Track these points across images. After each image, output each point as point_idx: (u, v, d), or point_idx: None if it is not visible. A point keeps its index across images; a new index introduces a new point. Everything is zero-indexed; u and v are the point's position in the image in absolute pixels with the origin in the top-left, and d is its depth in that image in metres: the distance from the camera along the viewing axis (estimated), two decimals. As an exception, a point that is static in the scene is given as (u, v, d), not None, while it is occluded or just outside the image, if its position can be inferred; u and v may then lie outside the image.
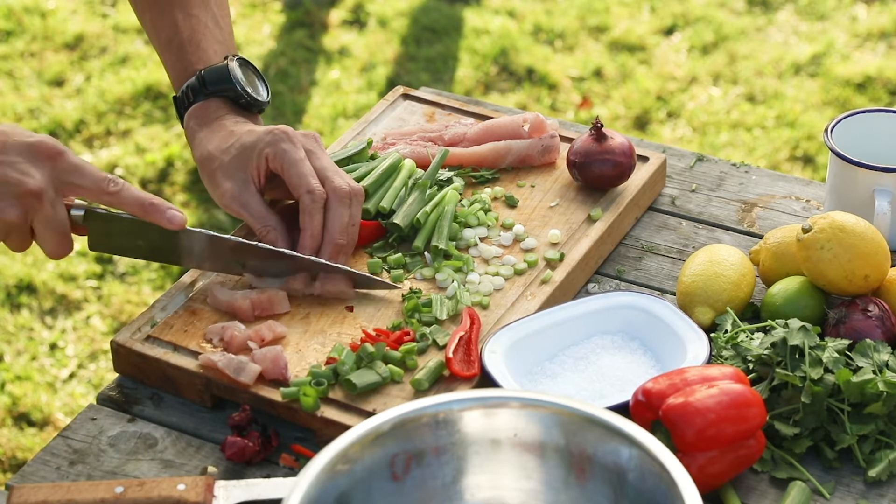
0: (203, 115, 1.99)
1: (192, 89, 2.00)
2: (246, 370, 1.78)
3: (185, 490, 1.59)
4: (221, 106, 2.00)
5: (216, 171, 1.95)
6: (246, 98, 2.00)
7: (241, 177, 1.93)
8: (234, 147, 1.94)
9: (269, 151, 1.92)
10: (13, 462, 3.16)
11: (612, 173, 2.04)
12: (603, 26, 4.56)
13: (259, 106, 2.03)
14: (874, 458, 1.71)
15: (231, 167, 1.94)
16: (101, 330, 3.49)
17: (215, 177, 1.95)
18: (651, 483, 1.48)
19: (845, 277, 1.82)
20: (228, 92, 1.99)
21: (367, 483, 1.53)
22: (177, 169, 4.01)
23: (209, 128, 1.98)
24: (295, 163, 1.91)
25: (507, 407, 1.56)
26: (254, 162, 1.93)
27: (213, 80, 1.99)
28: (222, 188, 1.94)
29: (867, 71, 4.28)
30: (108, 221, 1.86)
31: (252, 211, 1.93)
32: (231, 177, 1.94)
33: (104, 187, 1.80)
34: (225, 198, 1.94)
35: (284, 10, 4.68)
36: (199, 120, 1.99)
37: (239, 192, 1.93)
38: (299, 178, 1.91)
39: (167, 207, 1.83)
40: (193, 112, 2.00)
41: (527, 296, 1.90)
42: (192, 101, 2.00)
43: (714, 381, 1.67)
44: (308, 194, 1.90)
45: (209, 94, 1.99)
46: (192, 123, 2.00)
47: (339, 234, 1.91)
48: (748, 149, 4.03)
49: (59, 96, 4.31)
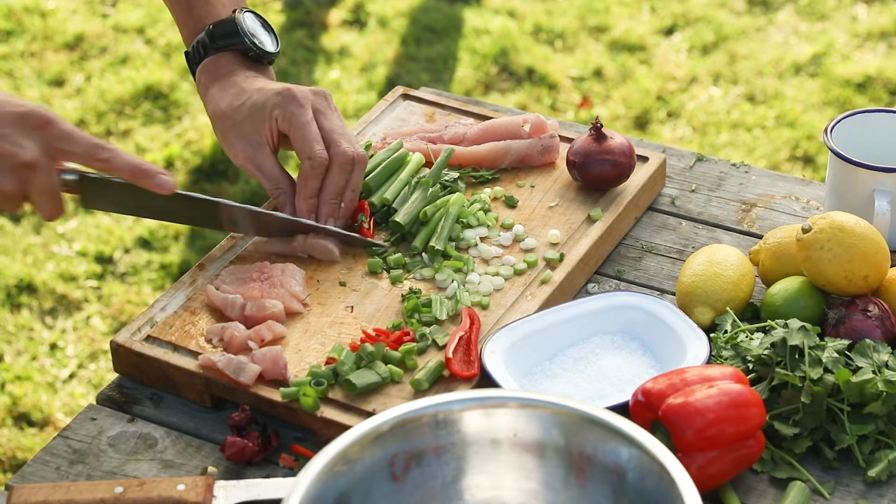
0: (214, 70, 2.01)
1: (202, 44, 2.02)
2: (246, 370, 1.78)
3: (185, 490, 1.59)
4: (232, 60, 2.02)
5: (230, 131, 1.98)
6: (255, 51, 2.02)
7: (255, 138, 1.97)
8: (246, 106, 1.97)
9: (279, 113, 1.95)
10: (13, 462, 3.16)
11: (612, 173, 2.04)
12: (603, 26, 4.56)
13: (269, 57, 2.05)
14: (874, 458, 1.71)
15: (245, 127, 1.97)
16: (101, 330, 3.49)
17: (229, 136, 1.98)
18: (651, 483, 1.48)
19: (845, 277, 1.82)
20: (237, 45, 2.01)
21: (366, 483, 1.53)
22: (177, 169, 4.01)
23: (220, 84, 2.00)
24: (301, 126, 1.94)
25: (507, 407, 1.56)
26: (266, 123, 1.96)
27: (221, 34, 2.01)
28: (236, 148, 1.98)
29: (867, 71, 4.28)
30: (101, 185, 1.88)
31: (265, 171, 1.98)
32: (245, 137, 1.97)
33: (95, 154, 1.81)
34: (239, 158, 1.98)
35: (284, 10, 4.68)
36: (210, 76, 2.01)
37: (253, 152, 1.97)
38: (303, 141, 1.94)
39: (157, 172, 1.84)
40: (204, 67, 2.02)
41: (526, 296, 1.90)
42: (203, 56, 2.02)
43: (714, 382, 1.67)
44: (308, 160, 1.94)
45: (219, 49, 2.01)
46: (204, 79, 2.02)
47: (331, 196, 1.95)
48: (748, 149, 4.03)
49: (59, 96, 4.31)
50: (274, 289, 1.89)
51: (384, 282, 1.93)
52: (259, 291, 1.89)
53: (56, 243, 3.75)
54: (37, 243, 3.74)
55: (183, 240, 3.76)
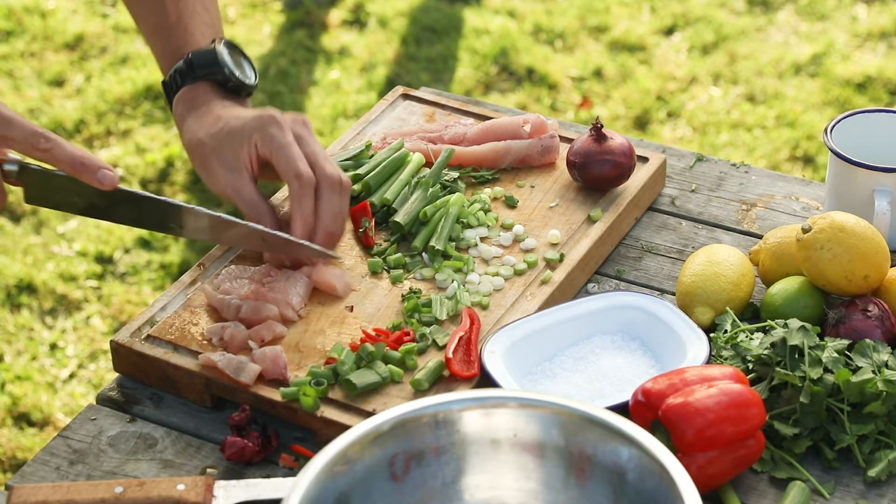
0: (191, 99, 1.98)
1: (179, 73, 1.99)
2: (246, 370, 1.78)
3: (185, 490, 1.59)
4: (209, 90, 1.98)
5: (209, 157, 1.93)
6: (234, 81, 1.98)
7: (234, 164, 1.92)
8: (224, 132, 1.92)
9: (258, 136, 1.90)
10: (13, 462, 3.16)
11: (612, 174, 2.04)
12: (603, 26, 4.56)
13: (247, 89, 2.01)
14: (874, 458, 1.71)
15: (223, 152, 1.92)
16: (101, 330, 3.49)
17: (209, 162, 1.93)
18: (651, 483, 1.48)
19: (845, 277, 1.82)
20: (216, 75, 1.98)
21: (366, 483, 1.53)
22: (177, 169, 4.01)
23: (196, 112, 1.96)
24: (283, 147, 1.89)
25: (507, 407, 1.56)
26: (245, 149, 1.91)
27: (200, 63, 1.97)
28: (216, 175, 1.93)
29: (867, 71, 4.28)
30: (44, 177, 1.84)
31: (245, 197, 1.92)
32: (224, 163, 1.92)
33: (35, 143, 1.78)
34: (220, 184, 1.93)
35: (284, 10, 4.68)
36: (186, 105, 1.98)
37: (233, 178, 1.92)
38: (287, 162, 1.89)
39: (98, 167, 1.80)
40: (182, 96, 1.98)
41: (526, 296, 1.90)
42: (181, 84, 1.99)
43: (714, 381, 1.67)
44: (296, 179, 1.88)
45: (197, 78, 1.98)
46: (181, 108, 1.98)
47: (330, 222, 1.89)
48: (748, 149, 4.03)
49: (59, 96, 4.31)
50: (272, 293, 1.88)
51: (384, 282, 1.93)
52: (256, 294, 1.88)
53: (56, 243, 3.75)
54: (37, 243, 3.74)
55: (183, 240, 3.76)
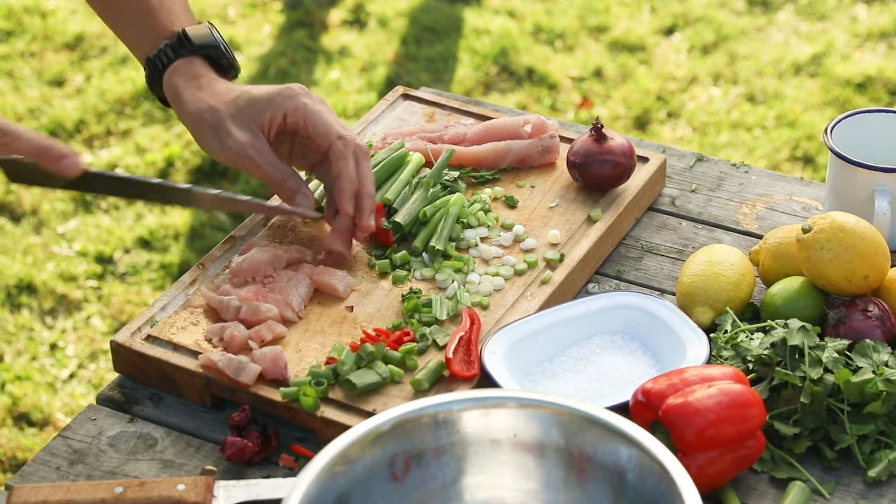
0: (187, 71, 1.98)
1: (171, 48, 1.99)
2: (246, 370, 1.78)
3: (185, 490, 1.59)
4: (204, 65, 1.99)
5: (224, 121, 1.93)
6: (227, 58, 2.00)
7: (253, 128, 1.93)
8: (243, 100, 1.94)
9: (290, 106, 1.92)
10: (13, 462, 3.16)
11: (612, 174, 2.04)
12: (603, 26, 4.56)
13: (235, 70, 2.03)
14: (874, 458, 1.71)
15: (242, 118, 1.93)
16: (101, 330, 3.49)
17: (224, 126, 1.93)
18: (651, 483, 1.48)
19: (845, 277, 1.82)
20: (211, 51, 1.99)
21: (366, 483, 1.53)
22: (177, 169, 4.01)
23: (197, 83, 1.97)
24: (319, 112, 1.92)
25: (507, 407, 1.56)
26: (268, 115, 1.92)
27: (197, 38, 1.98)
28: (235, 136, 1.92)
29: (867, 71, 4.28)
30: (16, 164, 1.86)
31: (268, 158, 1.93)
32: (243, 126, 1.93)
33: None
34: (238, 146, 1.92)
35: (284, 10, 4.68)
36: (184, 76, 1.98)
37: (252, 140, 1.92)
38: (326, 125, 1.92)
39: (61, 155, 1.82)
40: (177, 69, 1.98)
41: (527, 296, 1.90)
42: (173, 58, 1.99)
43: (714, 382, 1.67)
44: (340, 140, 1.91)
45: (193, 52, 1.98)
46: (178, 80, 1.98)
47: (370, 184, 1.92)
48: (748, 149, 4.03)
49: (59, 96, 4.31)
50: (272, 294, 1.89)
51: (384, 282, 1.93)
52: (255, 295, 1.88)
53: (56, 243, 3.75)
54: (37, 243, 3.74)
55: (183, 240, 3.76)
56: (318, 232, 2.01)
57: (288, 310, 1.87)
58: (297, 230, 2.01)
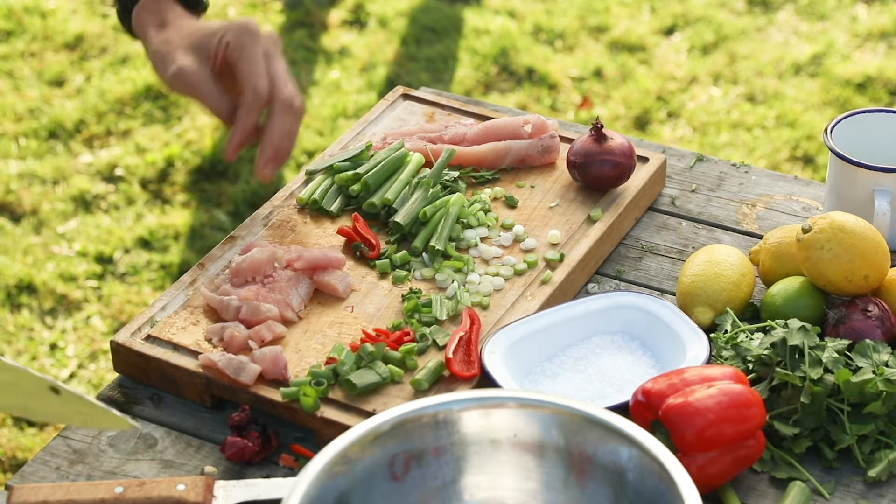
0: (156, 10, 1.99)
1: None
2: (246, 370, 1.78)
3: (185, 490, 1.59)
4: (172, 3, 2.00)
5: (175, 50, 1.95)
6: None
7: (198, 58, 1.93)
8: (199, 32, 1.95)
9: (231, 38, 1.93)
10: (13, 462, 3.16)
11: (612, 174, 2.04)
12: (603, 26, 4.56)
13: (204, 5, 2.03)
14: (874, 458, 1.71)
15: (192, 48, 1.94)
16: (101, 330, 3.49)
17: (172, 55, 1.94)
18: (651, 483, 1.48)
19: (845, 277, 1.82)
20: None
21: (366, 483, 1.53)
22: (177, 169, 4.01)
23: (162, 20, 1.98)
24: (250, 57, 1.92)
25: (507, 407, 1.56)
26: (213, 46, 1.93)
27: None
28: (179, 62, 1.93)
29: (867, 71, 4.28)
30: None
31: (209, 88, 1.93)
32: (191, 55, 1.94)
33: None
34: (180, 73, 1.93)
35: (284, 10, 4.68)
36: (153, 16, 1.99)
37: (197, 68, 1.93)
38: (249, 73, 1.92)
39: None
40: (144, 6, 1.99)
41: (527, 296, 1.90)
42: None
43: (713, 382, 1.67)
44: (253, 91, 1.91)
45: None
46: (145, 17, 1.99)
47: (278, 140, 1.92)
48: (748, 149, 4.03)
49: (59, 96, 4.31)
50: (273, 294, 1.88)
51: (384, 282, 1.93)
52: (255, 295, 1.88)
53: (56, 243, 3.75)
54: (37, 243, 3.74)
55: (183, 240, 3.76)
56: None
57: (288, 310, 1.87)
58: (297, 230, 2.01)
